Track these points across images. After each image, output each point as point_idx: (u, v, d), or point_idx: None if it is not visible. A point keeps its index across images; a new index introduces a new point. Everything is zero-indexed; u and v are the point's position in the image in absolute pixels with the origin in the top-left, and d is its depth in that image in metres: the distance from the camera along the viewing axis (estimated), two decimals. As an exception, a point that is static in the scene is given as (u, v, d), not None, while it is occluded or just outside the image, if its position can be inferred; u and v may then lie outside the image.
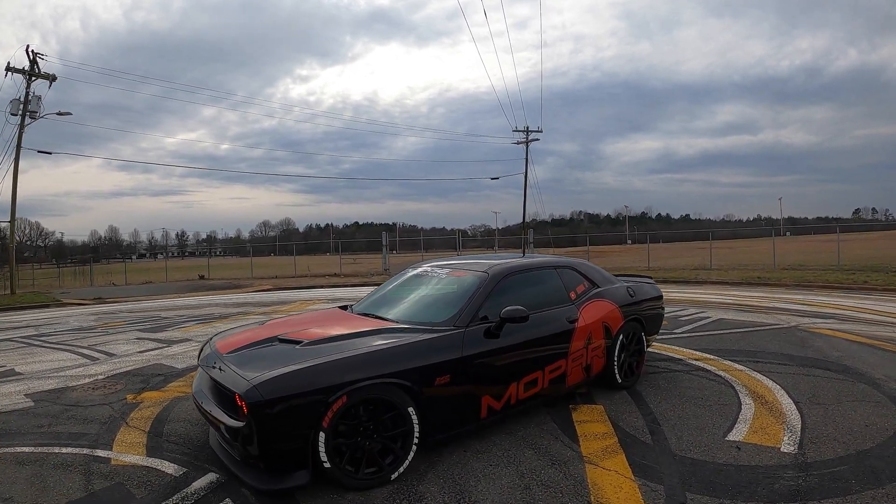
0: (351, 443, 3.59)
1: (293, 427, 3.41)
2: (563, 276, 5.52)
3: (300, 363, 3.63)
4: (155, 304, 17.56)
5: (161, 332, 10.85)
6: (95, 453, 4.35)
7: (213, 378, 3.97)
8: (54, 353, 8.75)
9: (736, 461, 3.87)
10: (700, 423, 4.65)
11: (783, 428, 4.47)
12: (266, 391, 3.35)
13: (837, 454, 3.93)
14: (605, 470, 3.78)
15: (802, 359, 6.84)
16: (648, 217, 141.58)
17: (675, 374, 6.27)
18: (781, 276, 19.76)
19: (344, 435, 3.57)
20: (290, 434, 3.41)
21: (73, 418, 5.26)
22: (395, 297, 5.41)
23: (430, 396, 3.87)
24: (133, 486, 3.76)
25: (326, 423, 3.46)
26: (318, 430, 3.44)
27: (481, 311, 4.46)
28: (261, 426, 3.33)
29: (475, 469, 3.88)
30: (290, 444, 3.42)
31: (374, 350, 3.88)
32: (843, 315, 10.67)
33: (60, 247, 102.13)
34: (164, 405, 5.58)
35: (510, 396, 4.42)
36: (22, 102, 25.55)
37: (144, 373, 7.10)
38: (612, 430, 4.51)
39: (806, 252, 33.00)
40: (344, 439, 3.57)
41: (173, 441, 4.57)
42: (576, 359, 5.03)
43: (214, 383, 3.94)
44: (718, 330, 9.15)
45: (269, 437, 3.37)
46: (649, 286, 6.70)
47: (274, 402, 3.34)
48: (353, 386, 3.55)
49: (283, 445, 3.42)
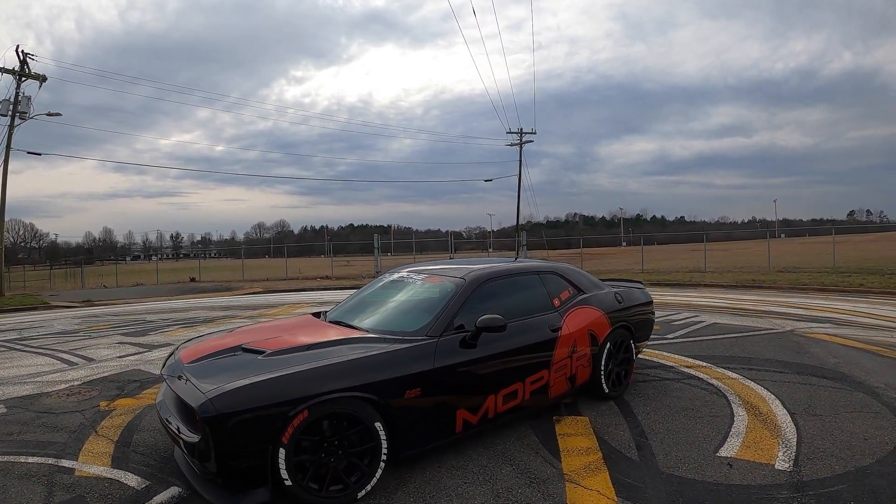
0: (314, 459, 3.38)
1: (251, 442, 3.23)
2: (547, 281, 5.27)
3: (259, 375, 3.44)
4: (142, 308, 17.31)
5: (144, 336, 10.64)
6: (60, 463, 4.23)
7: (173, 390, 3.79)
8: (34, 358, 8.59)
9: (727, 480, 3.62)
10: (690, 436, 4.41)
11: (778, 442, 4.23)
12: (221, 405, 3.18)
13: (835, 471, 3.70)
14: (586, 489, 3.53)
15: (798, 366, 6.61)
16: (643, 219, 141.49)
17: (665, 382, 6.02)
18: (776, 278, 19.57)
19: (307, 451, 3.37)
20: (247, 450, 3.23)
21: (43, 426, 5.15)
22: (369, 304, 5.18)
23: (399, 410, 3.65)
24: (93, 499, 3.63)
25: (286, 439, 3.26)
26: (277, 446, 3.25)
27: (457, 320, 4.23)
28: (217, 441, 3.17)
29: (448, 487, 3.65)
30: (248, 461, 3.24)
31: (338, 362, 3.66)
32: (840, 319, 10.46)
33: (54, 248, 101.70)
34: (137, 413, 5.43)
35: (487, 409, 4.17)
36: (11, 103, 25.26)
37: (121, 379, 6.94)
38: (596, 445, 4.27)
39: (801, 254, 32.90)
40: (307, 455, 3.37)
41: (140, 452, 4.43)
42: (559, 369, 4.78)
43: (175, 395, 3.75)
44: (712, 335, 8.92)
45: (225, 452, 3.20)
46: (639, 291, 6.45)
47: (229, 416, 3.17)
48: (316, 400, 3.36)
49: (240, 461, 3.24)
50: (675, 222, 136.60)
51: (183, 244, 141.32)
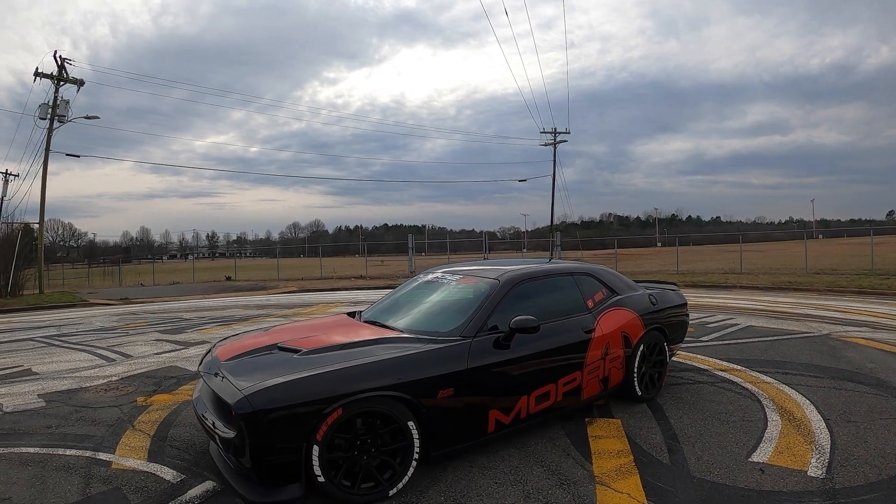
0: (347, 456, 3.49)
1: (285, 439, 3.33)
2: (581, 283, 5.31)
3: (294, 373, 3.55)
4: (179, 306, 17.73)
5: (180, 333, 10.91)
6: (98, 456, 4.35)
7: (209, 386, 3.94)
8: (72, 354, 8.82)
9: (758, 485, 3.63)
10: (722, 440, 4.42)
11: (811, 448, 4.21)
12: (257, 402, 3.30)
13: (868, 479, 3.68)
14: (616, 492, 3.58)
15: (834, 370, 6.53)
16: (679, 219, 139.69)
17: (699, 385, 6.02)
18: (813, 280, 19.20)
19: (340, 448, 3.47)
20: (282, 447, 3.34)
21: (81, 420, 5.29)
22: (403, 304, 5.28)
23: (431, 410, 3.73)
24: (130, 491, 3.74)
25: (321, 437, 3.37)
26: (311, 443, 3.36)
27: (491, 321, 4.30)
28: (252, 437, 3.28)
29: (479, 486, 3.72)
30: (283, 457, 3.35)
31: (373, 361, 3.75)
32: (878, 323, 10.26)
33: (92, 247, 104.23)
34: (173, 408, 5.58)
35: (520, 410, 4.23)
36: (51, 107, 26.23)
37: (158, 375, 7.13)
38: (627, 448, 4.30)
39: (838, 256, 32.22)
40: (340, 453, 3.47)
41: (176, 446, 4.55)
42: (592, 370, 4.82)
43: (211, 391, 3.89)
44: (747, 338, 8.84)
45: (260, 449, 3.31)
46: (673, 293, 6.45)
47: (265, 412, 3.28)
48: (350, 398, 3.45)
49: (275, 458, 3.34)
50: (710, 222, 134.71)
51: (219, 243, 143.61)
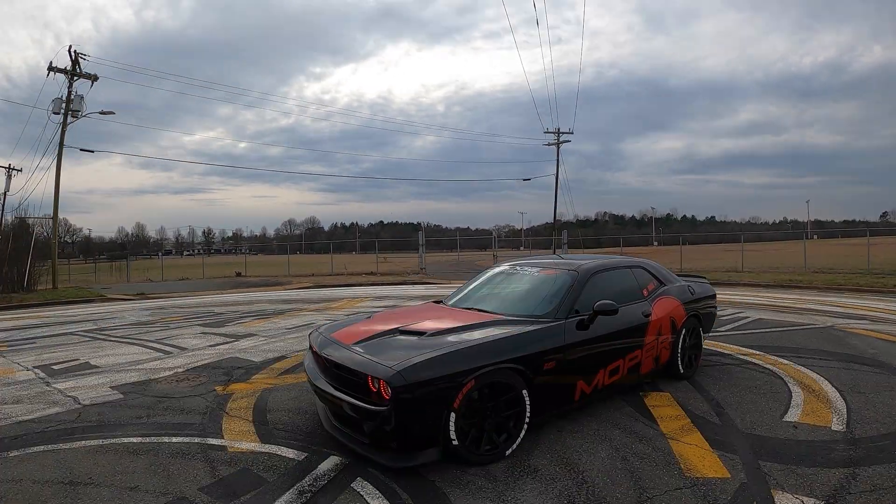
0: (475, 422, 4.06)
1: (429, 408, 3.84)
2: (636, 274, 6.24)
3: (432, 351, 4.07)
4: (202, 301, 18.28)
5: (221, 327, 11.39)
6: (208, 441, 4.61)
7: (339, 364, 4.32)
8: (124, 347, 9.17)
9: (795, 437, 4.58)
10: (758, 406, 5.36)
11: (831, 412, 5.17)
12: (409, 376, 3.76)
13: (880, 432, 4.63)
14: (686, 444, 4.48)
15: (841, 355, 7.52)
16: (674, 218, 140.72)
17: (727, 366, 6.97)
18: (812, 278, 20.26)
19: (468, 415, 4.02)
20: (426, 415, 3.85)
21: (169, 409, 5.53)
22: (488, 292, 6.07)
23: (539, 380, 4.44)
24: (260, 470, 4.02)
25: (457, 405, 3.91)
26: (449, 411, 3.88)
27: (575, 305, 5.14)
28: (400, 408, 3.72)
29: (574, 445, 4.44)
30: (425, 424, 3.86)
31: (495, 339, 4.41)
32: (876, 316, 11.29)
33: (88, 243, 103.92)
34: (257, 396, 5.95)
35: (598, 382, 5.09)
36: (64, 101, 26.17)
37: (223, 366, 7.50)
38: (683, 413, 5.22)
39: (834, 256, 33.31)
40: (468, 419, 4.02)
41: (282, 428, 4.90)
42: (649, 350, 5.73)
43: (340, 370, 4.31)
44: (759, 329, 9.86)
45: (407, 418, 3.77)
46: (706, 285, 7.42)
47: (415, 385, 3.75)
48: (480, 371, 4.02)
49: (418, 425, 3.84)
50: (705, 222, 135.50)
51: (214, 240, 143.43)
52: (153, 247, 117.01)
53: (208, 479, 3.89)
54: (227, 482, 3.84)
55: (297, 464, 4.13)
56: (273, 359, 7.95)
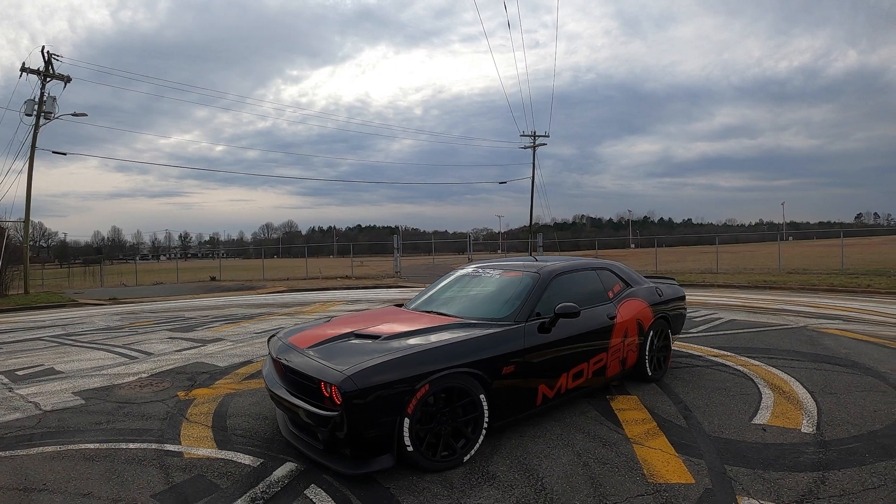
0: (430, 428, 3.96)
1: (382, 414, 3.74)
2: (602, 276, 6.08)
3: (385, 355, 3.97)
4: (174, 305, 17.95)
5: (191, 331, 11.18)
6: (165, 448, 4.53)
7: (294, 369, 4.23)
8: (90, 352, 8.95)
9: (763, 440, 4.43)
10: (727, 409, 5.21)
11: (801, 413, 5.03)
12: (360, 381, 3.67)
13: (851, 434, 4.50)
14: (650, 448, 4.32)
15: (813, 355, 7.42)
16: (651, 221, 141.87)
17: (697, 368, 6.83)
18: (787, 279, 20.33)
19: (425, 420, 3.94)
20: (378, 420, 3.74)
21: (129, 415, 5.43)
22: (450, 295, 5.92)
23: (497, 385, 4.34)
24: (214, 476, 3.96)
25: (411, 410, 3.82)
26: (403, 417, 3.79)
27: (536, 308, 4.99)
28: (352, 414, 3.64)
29: (535, 451, 4.34)
30: (379, 430, 3.76)
31: (450, 342, 4.30)
32: (849, 316, 11.26)
33: (63, 247, 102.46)
34: (219, 401, 5.84)
35: (561, 386, 4.94)
36: (37, 103, 25.75)
37: (188, 371, 7.35)
38: (649, 416, 5.06)
39: (809, 257, 33.68)
40: (425, 424, 3.94)
41: (240, 434, 4.82)
42: (614, 352, 5.58)
43: (296, 375, 4.21)
44: (731, 330, 9.74)
45: (359, 423, 3.68)
46: (675, 287, 7.28)
47: (367, 391, 3.66)
48: (435, 375, 3.93)
49: (372, 431, 3.74)
50: (682, 225, 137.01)
51: (191, 244, 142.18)
52: (129, 251, 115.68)
53: (162, 485, 3.85)
54: (180, 489, 3.80)
55: (252, 470, 4.06)
56: (239, 363, 7.76)
